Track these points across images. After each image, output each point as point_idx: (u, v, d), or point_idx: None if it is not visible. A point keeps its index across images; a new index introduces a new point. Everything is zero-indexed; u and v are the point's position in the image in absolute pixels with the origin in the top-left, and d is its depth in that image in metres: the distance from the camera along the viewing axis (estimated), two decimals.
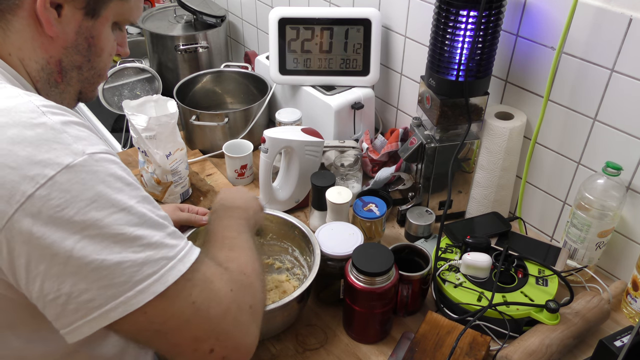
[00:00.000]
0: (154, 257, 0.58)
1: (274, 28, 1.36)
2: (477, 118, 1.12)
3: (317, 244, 0.98)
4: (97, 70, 0.72)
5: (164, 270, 0.58)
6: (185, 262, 0.60)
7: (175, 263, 0.59)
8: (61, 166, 0.55)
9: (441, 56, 1.06)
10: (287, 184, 1.24)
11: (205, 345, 0.60)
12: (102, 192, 0.56)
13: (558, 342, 0.90)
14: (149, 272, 0.57)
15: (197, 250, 0.63)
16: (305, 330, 0.99)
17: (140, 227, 0.58)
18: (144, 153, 1.23)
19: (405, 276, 0.96)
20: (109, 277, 0.55)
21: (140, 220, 0.58)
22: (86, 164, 0.56)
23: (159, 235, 0.59)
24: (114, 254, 0.56)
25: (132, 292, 0.56)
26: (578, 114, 1.04)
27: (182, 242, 0.62)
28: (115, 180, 0.58)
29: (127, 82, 1.78)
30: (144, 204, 0.60)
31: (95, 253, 0.55)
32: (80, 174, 0.55)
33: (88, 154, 0.57)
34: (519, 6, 1.06)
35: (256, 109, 1.45)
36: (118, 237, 0.56)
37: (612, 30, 0.93)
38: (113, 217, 0.56)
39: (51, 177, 0.54)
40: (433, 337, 0.91)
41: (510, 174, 1.17)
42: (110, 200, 0.57)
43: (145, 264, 0.57)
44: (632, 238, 1.03)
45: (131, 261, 0.56)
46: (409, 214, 1.17)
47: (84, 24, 0.67)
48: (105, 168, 0.58)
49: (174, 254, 0.59)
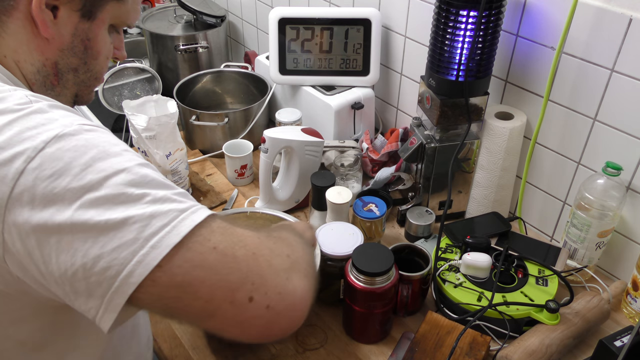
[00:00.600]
0: (163, 209, 0.54)
1: (274, 28, 1.36)
2: (477, 118, 1.12)
3: (317, 244, 0.98)
4: (93, 73, 0.72)
5: (176, 222, 0.54)
6: (198, 214, 0.55)
7: (187, 214, 0.55)
8: (50, 137, 0.53)
9: (441, 56, 1.06)
10: (287, 184, 1.24)
11: (241, 293, 0.54)
12: (97, 155, 0.54)
13: (558, 342, 0.90)
14: (160, 225, 0.53)
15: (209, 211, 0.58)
16: (305, 330, 0.99)
17: (144, 186, 0.55)
18: (144, 153, 1.23)
19: (405, 276, 0.96)
20: (117, 236, 0.52)
21: (142, 179, 0.55)
22: (77, 132, 0.54)
23: (165, 192, 0.56)
24: (118, 213, 0.52)
25: (145, 249, 0.52)
26: (578, 114, 1.04)
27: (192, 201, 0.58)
28: (110, 145, 0.56)
29: (127, 82, 1.78)
30: (146, 168, 0.57)
31: (97, 215, 0.52)
32: (72, 141, 0.54)
33: (78, 124, 0.55)
34: (519, 6, 1.06)
35: (256, 109, 1.45)
36: (119, 197, 0.53)
37: (612, 30, 0.93)
38: (112, 179, 0.53)
39: (41, 149, 0.52)
40: (433, 337, 0.91)
41: (510, 174, 1.17)
42: (107, 162, 0.54)
43: (154, 216, 0.53)
44: (632, 238, 1.03)
45: (137, 216, 0.53)
46: (409, 214, 1.17)
47: (80, 26, 0.66)
48: (98, 135, 0.56)
49: (184, 207, 0.55)
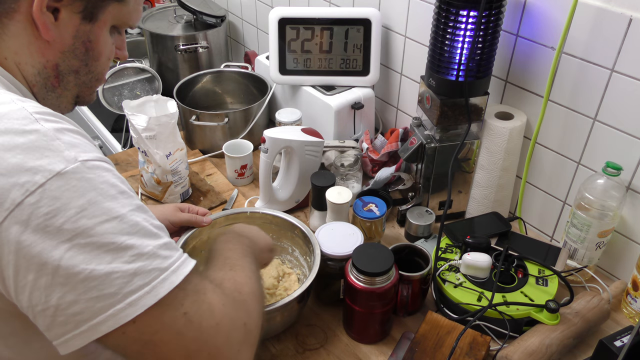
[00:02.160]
0: (146, 267, 0.56)
1: (274, 28, 1.36)
2: (477, 118, 1.12)
3: (317, 244, 0.98)
4: (94, 75, 0.71)
5: (156, 282, 0.56)
6: (178, 273, 0.58)
7: (168, 274, 0.57)
8: (52, 173, 0.53)
9: (441, 56, 1.06)
10: (287, 184, 1.24)
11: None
12: (94, 199, 0.55)
13: (558, 342, 0.90)
14: (140, 284, 0.55)
15: (192, 262, 0.61)
16: (305, 330, 0.99)
17: (133, 236, 0.56)
18: (144, 153, 1.23)
19: (405, 276, 0.96)
20: (98, 287, 0.53)
21: (132, 229, 0.56)
22: (78, 171, 0.55)
23: (152, 245, 0.57)
24: (104, 264, 0.54)
25: (122, 304, 0.54)
26: (578, 114, 1.04)
27: (176, 254, 0.60)
28: (108, 187, 0.57)
29: (127, 82, 1.78)
30: (138, 213, 0.58)
31: (84, 263, 0.53)
32: (72, 181, 0.54)
33: (80, 161, 0.56)
34: (519, 6, 1.06)
35: (256, 109, 1.45)
36: (109, 246, 0.54)
37: (612, 30, 0.93)
38: (104, 225, 0.55)
39: (41, 185, 0.53)
40: (433, 337, 0.91)
41: (510, 174, 1.17)
42: (102, 208, 0.55)
43: (136, 274, 0.55)
44: (632, 238, 1.03)
45: (122, 272, 0.54)
46: (409, 214, 1.17)
47: (82, 28, 0.66)
48: (98, 175, 0.57)
49: (167, 265, 0.57)
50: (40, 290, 0.53)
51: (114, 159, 1.46)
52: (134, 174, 1.38)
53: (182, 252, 0.61)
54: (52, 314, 0.54)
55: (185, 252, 0.67)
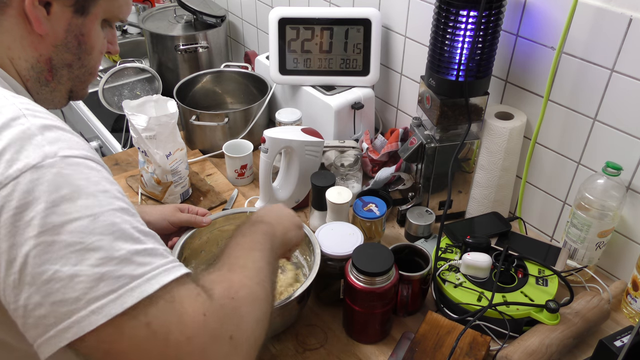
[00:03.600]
0: (115, 273, 0.51)
1: (274, 28, 1.36)
2: (477, 118, 1.12)
3: (317, 244, 0.98)
4: (87, 69, 0.71)
5: (124, 290, 0.51)
6: (153, 282, 0.53)
7: (140, 282, 0.52)
8: (27, 166, 0.51)
9: (441, 56, 1.06)
10: (287, 184, 1.24)
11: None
12: (67, 196, 0.52)
13: (558, 342, 0.90)
14: (106, 290, 0.51)
15: (178, 271, 0.55)
16: (305, 330, 0.99)
17: (105, 237, 0.52)
18: (144, 153, 1.23)
19: (405, 276, 0.96)
20: (61, 291, 0.50)
21: (106, 229, 0.52)
22: (55, 165, 0.52)
23: (127, 249, 0.53)
24: (69, 266, 0.50)
25: (84, 311, 0.50)
26: (578, 114, 1.04)
27: (157, 261, 0.54)
28: (87, 184, 0.53)
29: (127, 82, 1.78)
30: (119, 214, 0.54)
31: (49, 262, 0.50)
32: (46, 175, 0.52)
33: (60, 156, 0.53)
34: (519, 6, 1.06)
35: (256, 109, 1.45)
36: (75, 246, 0.51)
37: (612, 30, 0.93)
38: (75, 223, 0.51)
39: (15, 177, 0.51)
40: (433, 337, 0.91)
41: (510, 174, 1.17)
42: (75, 205, 0.52)
43: (102, 279, 0.51)
44: (632, 238, 1.03)
45: (86, 275, 0.50)
46: (409, 214, 1.17)
47: (74, 21, 0.66)
48: (77, 171, 0.53)
49: (139, 272, 0.52)
50: (10, 288, 0.51)
51: (114, 159, 1.46)
52: (134, 174, 1.38)
53: (169, 260, 0.56)
54: (22, 315, 0.52)
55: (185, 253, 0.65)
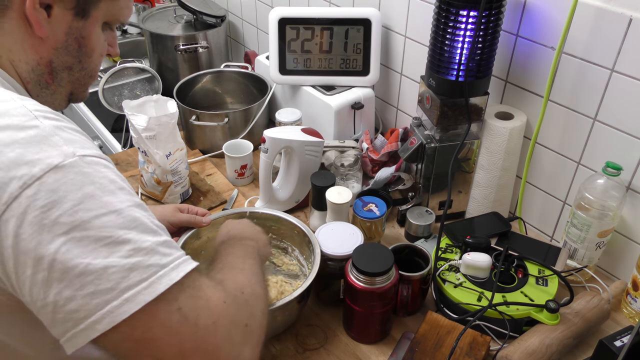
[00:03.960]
0: (144, 263, 0.55)
1: (274, 28, 1.36)
2: (477, 118, 1.12)
3: (317, 244, 0.98)
4: (88, 71, 0.72)
5: (154, 278, 0.54)
6: (178, 270, 0.57)
7: (167, 271, 0.56)
8: (50, 166, 0.53)
9: (441, 56, 1.06)
10: (287, 184, 1.24)
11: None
12: (91, 193, 0.54)
13: (558, 342, 0.90)
14: (138, 279, 0.54)
15: (193, 263, 0.60)
16: (305, 330, 0.99)
17: (131, 230, 0.55)
18: (144, 153, 1.23)
19: (405, 276, 0.96)
20: (94, 282, 0.52)
21: (131, 223, 0.56)
22: (76, 165, 0.55)
23: (151, 241, 0.56)
24: (100, 258, 0.53)
25: (118, 300, 0.53)
26: (578, 114, 1.04)
27: (176, 253, 0.59)
28: (107, 182, 0.56)
29: (127, 82, 1.78)
30: (137, 209, 0.57)
31: (80, 256, 0.52)
32: (69, 174, 0.54)
33: (79, 156, 0.55)
34: (519, 6, 1.06)
35: (256, 109, 1.45)
36: (106, 239, 0.53)
37: (612, 30, 0.93)
38: (102, 219, 0.54)
39: (39, 177, 0.53)
40: (433, 337, 0.91)
41: (510, 174, 1.17)
42: (100, 201, 0.54)
43: (133, 269, 0.54)
44: (632, 238, 1.03)
45: (119, 266, 0.53)
46: (409, 214, 1.17)
47: (74, 24, 0.66)
48: (96, 170, 0.56)
49: (166, 261, 0.56)
50: (38, 285, 0.53)
51: (114, 159, 1.46)
52: (134, 174, 1.38)
53: (183, 253, 0.60)
54: (52, 311, 0.53)
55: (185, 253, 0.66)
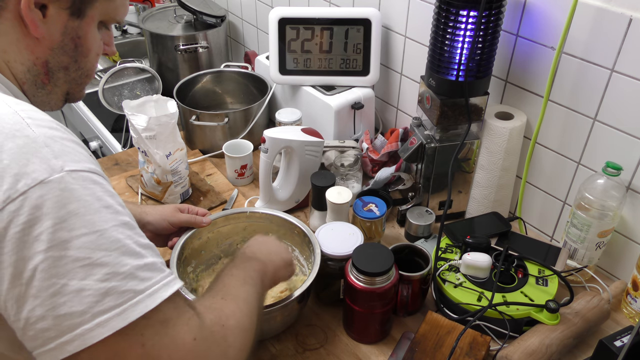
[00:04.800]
0: (120, 288, 0.53)
1: (274, 28, 1.36)
2: (477, 118, 1.12)
3: (317, 244, 0.98)
4: (84, 71, 0.71)
5: (128, 305, 0.53)
6: (155, 297, 0.55)
7: (142, 298, 0.54)
8: (35, 181, 0.52)
9: (441, 56, 1.06)
10: (287, 184, 1.24)
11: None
12: (75, 211, 0.53)
13: (558, 342, 0.90)
14: (111, 305, 0.52)
15: (174, 285, 0.58)
16: (305, 330, 0.99)
17: (111, 253, 0.54)
18: (144, 153, 1.23)
19: (405, 276, 0.96)
20: (67, 304, 0.51)
21: (112, 245, 0.54)
22: (62, 181, 0.53)
23: (130, 265, 0.55)
24: (76, 280, 0.52)
25: (90, 324, 0.52)
26: (578, 114, 1.04)
27: (157, 276, 0.57)
28: (92, 200, 0.55)
29: (127, 82, 1.78)
30: (122, 229, 0.56)
31: (57, 276, 0.51)
32: (54, 190, 0.52)
33: (67, 171, 0.54)
34: (519, 6, 1.06)
35: (256, 109, 1.45)
36: (84, 261, 0.52)
37: (612, 30, 0.93)
38: (82, 239, 0.53)
39: (23, 192, 0.51)
40: (433, 337, 0.91)
41: (510, 174, 1.17)
42: (82, 220, 0.53)
43: (108, 294, 0.52)
44: (632, 238, 1.03)
45: (93, 290, 0.52)
46: (409, 214, 1.17)
47: (70, 24, 0.65)
48: (83, 187, 0.54)
49: (143, 287, 0.55)
50: (13, 300, 0.52)
51: (114, 159, 1.46)
52: (134, 174, 1.38)
53: (167, 274, 0.58)
54: (22, 327, 0.53)
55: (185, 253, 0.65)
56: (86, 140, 1.84)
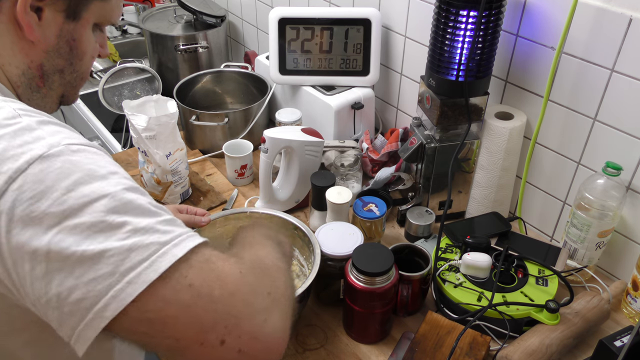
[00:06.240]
0: (143, 242, 0.52)
1: (274, 28, 1.36)
2: (477, 118, 1.12)
3: (317, 244, 0.98)
4: (79, 73, 0.71)
5: (156, 256, 0.52)
6: (181, 246, 0.53)
7: (169, 248, 0.53)
8: (34, 157, 0.51)
9: (441, 56, 1.06)
10: (287, 184, 1.24)
11: (212, 335, 0.52)
12: (80, 180, 0.52)
13: (558, 342, 0.90)
14: (138, 259, 0.51)
15: (200, 238, 0.56)
16: (305, 330, 0.99)
17: (125, 214, 0.52)
18: (144, 153, 1.23)
19: (405, 276, 0.96)
20: (94, 268, 0.50)
21: (125, 207, 0.53)
22: (62, 153, 0.53)
23: (149, 220, 0.53)
24: (96, 244, 0.50)
25: (120, 284, 0.50)
26: (578, 114, 1.04)
27: (179, 229, 0.55)
28: (97, 167, 0.54)
29: (127, 82, 1.78)
30: (132, 192, 0.55)
31: (75, 244, 0.50)
32: (56, 162, 0.52)
33: (65, 144, 0.53)
34: (519, 6, 1.06)
35: (256, 109, 1.45)
36: (99, 225, 0.51)
37: (612, 30, 0.93)
38: (93, 205, 0.51)
39: (24, 170, 0.51)
40: (433, 337, 0.91)
41: (510, 174, 1.17)
42: (90, 187, 0.52)
43: (132, 250, 0.51)
44: (632, 238, 1.03)
45: (116, 249, 0.51)
46: (409, 214, 1.17)
47: (65, 27, 0.65)
48: (84, 157, 0.54)
49: (167, 238, 0.53)
50: (39, 279, 0.51)
51: (114, 159, 1.45)
52: (134, 174, 1.38)
53: (188, 230, 0.56)
54: (57, 306, 0.51)
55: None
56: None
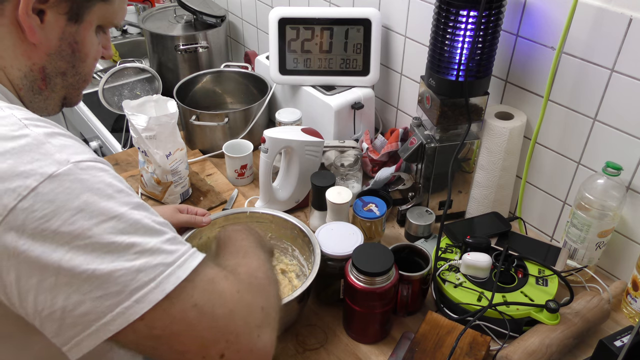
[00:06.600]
0: (151, 263, 0.55)
1: (274, 28, 1.36)
2: (477, 118, 1.12)
3: (317, 244, 0.98)
4: (82, 76, 0.71)
5: (162, 277, 0.55)
6: (185, 267, 0.57)
7: (174, 269, 0.56)
8: (44, 176, 0.52)
9: (441, 56, 1.06)
10: (287, 184, 1.24)
11: (214, 350, 0.57)
12: (89, 200, 0.54)
13: (558, 342, 0.90)
14: (146, 280, 0.54)
15: (200, 255, 0.60)
16: (305, 330, 0.99)
17: (134, 234, 0.55)
18: (144, 153, 1.23)
19: (405, 276, 0.96)
20: (102, 287, 0.53)
21: (133, 227, 0.55)
22: (71, 173, 0.54)
23: (155, 241, 0.56)
24: (106, 264, 0.53)
25: (128, 301, 0.53)
26: (578, 114, 1.04)
27: (182, 248, 0.59)
28: (104, 187, 0.56)
29: (127, 82, 1.78)
30: (138, 211, 0.57)
31: (85, 263, 0.52)
32: (65, 182, 0.53)
33: (73, 163, 0.55)
34: (519, 6, 1.06)
35: (256, 109, 1.45)
36: (109, 246, 0.53)
37: (612, 30, 0.93)
38: (102, 225, 0.54)
39: (34, 188, 0.52)
40: (433, 337, 0.91)
41: (510, 174, 1.17)
42: (99, 208, 0.54)
43: (140, 271, 0.54)
44: (632, 238, 1.03)
45: (125, 269, 0.53)
46: (409, 214, 1.17)
47: (68, 29, 0.65)
48: (92, 175, 0.55)
49: (172, 259, 0.56)
50: (46, 292, 0.52)
51: (114, 159, 1.46)
52: (134, 174, 1.38)
53: (189, 246, 0.60)
54: (60, 317, 0.53)
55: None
56: (86, 140, 1.84)
